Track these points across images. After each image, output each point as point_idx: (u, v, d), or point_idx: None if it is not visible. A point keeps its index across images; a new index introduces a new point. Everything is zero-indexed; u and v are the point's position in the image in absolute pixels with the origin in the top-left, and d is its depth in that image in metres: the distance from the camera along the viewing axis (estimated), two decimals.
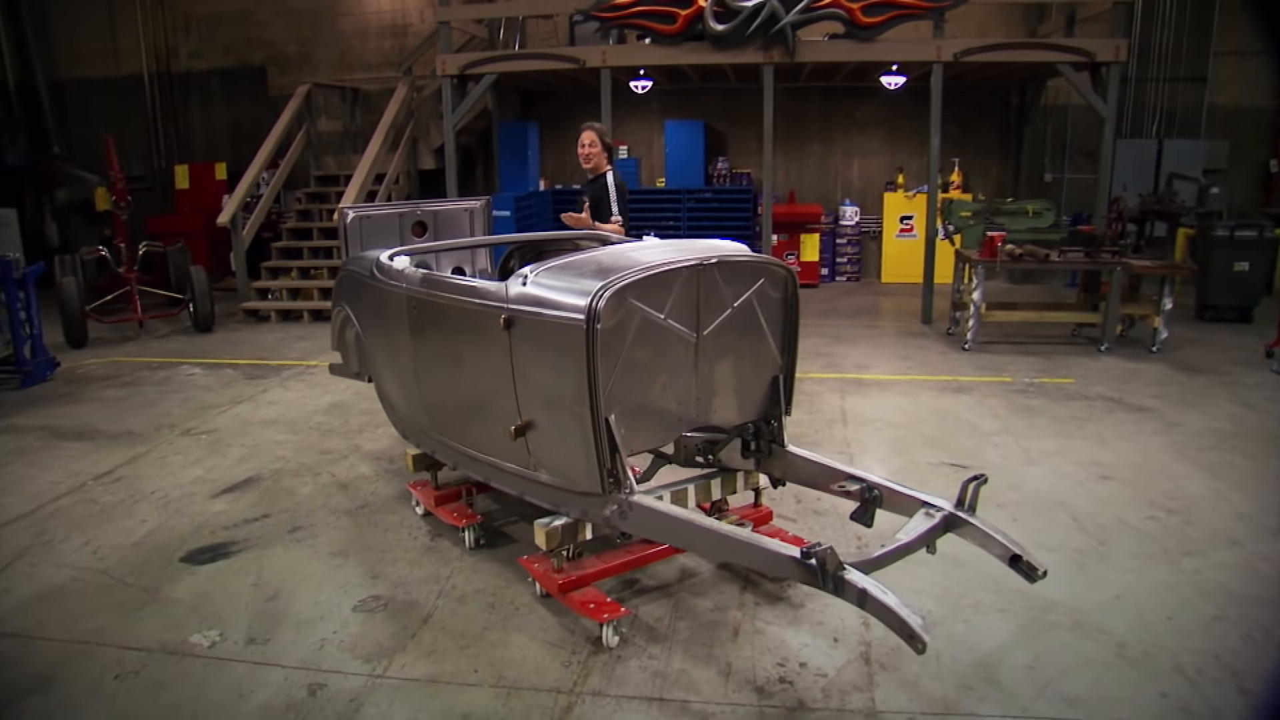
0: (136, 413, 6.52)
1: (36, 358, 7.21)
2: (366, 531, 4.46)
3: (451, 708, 3.04)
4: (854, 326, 9.17)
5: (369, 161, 10.34)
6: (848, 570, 2.56)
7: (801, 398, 6.62)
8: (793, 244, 11.62)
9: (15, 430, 6.12)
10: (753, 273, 3.48)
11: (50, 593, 3.92)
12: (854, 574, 2.55)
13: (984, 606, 3.61)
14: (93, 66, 12.72)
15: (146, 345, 8.88)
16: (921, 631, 2.40)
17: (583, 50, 9.33)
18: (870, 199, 12.05)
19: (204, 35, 12.67)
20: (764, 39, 8.54)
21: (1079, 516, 4.49)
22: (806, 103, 11.89)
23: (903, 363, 7.65)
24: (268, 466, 5.38)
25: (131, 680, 3.26)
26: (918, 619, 2.43)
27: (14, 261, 6.99)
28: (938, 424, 5.99)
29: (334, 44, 12.62)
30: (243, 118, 12.40)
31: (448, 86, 9.63)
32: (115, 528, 4.54)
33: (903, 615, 2.40)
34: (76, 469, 5.36)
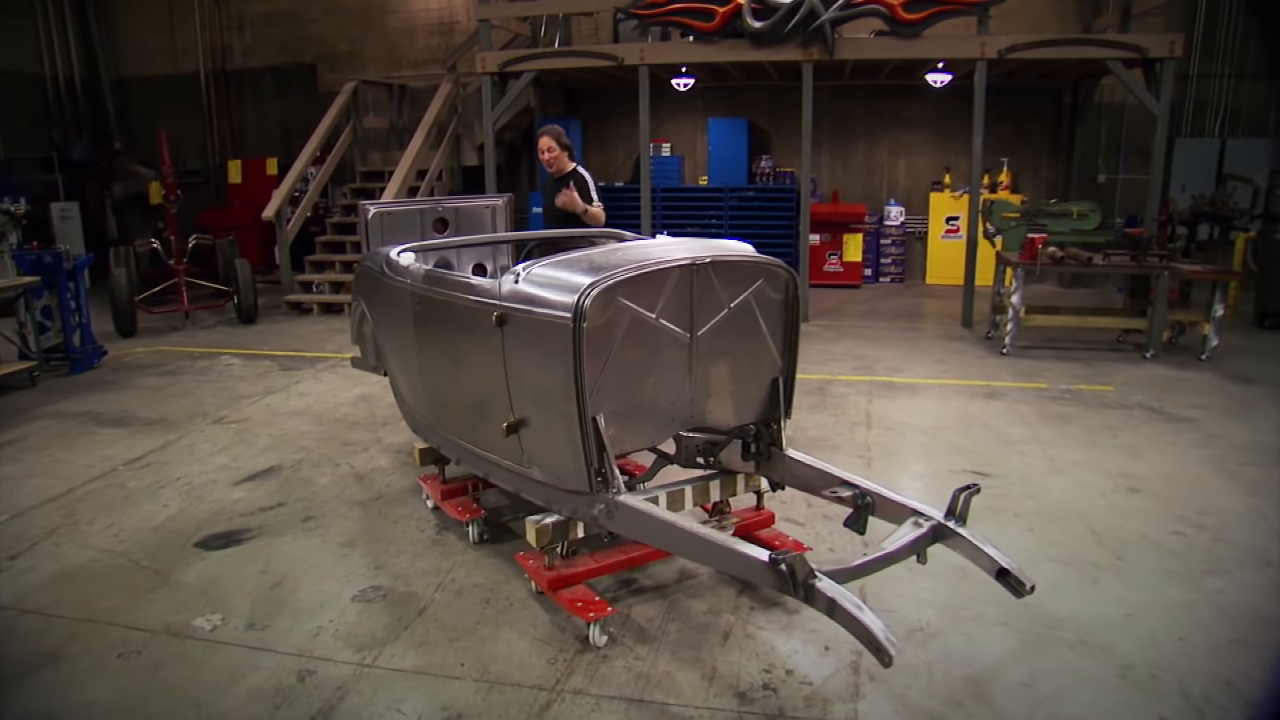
0: (174, 401, 6.72)
1: (85, 346, 7.48)
2: (376, 523, 4.53)
3: (433, 699, 3.07)
4: (892, 329, 9.01)
5: (410, 157, 10.50)
6: (819, 578, 2.51)
7: (828, 400, 6.55)
8: (835, 244, 11.47)
9: (59, 415, 6.35)
10: (751, 273, 3.44)
11: (70, 572, 4.06)
12: (825, 582, 2.50)
13: (985, 619, 3.51)
14: (153, 65, 13.15)
15: (192, 335, 9.15)
16: (888, 644, 2.34)
17: (621, 48, 9.33)
18: (916, 199, 11.83)
19: (257, 34, 12.99)
20: (803, 36, 8.42)
21: (1099, 529, 4.34)
22: (852, 101, 11.72)
23: (937, 366, 7.50)
24: (290, 456, 5.50)
25: (133, 659, 3.36)
26: (885, 631, 2.37)
27: (64, 253, 7.25)
28: (964, 430, 5.86)
29: (382, 41, 12.83)
30: (294, 114, 12.68)
31: (487, 84, 9.72)
32: (139, 512, 4.69)
33: (870, 626, 2.35)
34: (110, 454, 5.54)
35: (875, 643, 2.36)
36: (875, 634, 2.34)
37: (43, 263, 7.12)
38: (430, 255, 4.96)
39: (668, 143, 12.60)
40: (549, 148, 5.68)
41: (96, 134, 12.89)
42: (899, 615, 3.54)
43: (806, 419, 6.12)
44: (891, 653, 2.35)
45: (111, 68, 13.15)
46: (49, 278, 7.17)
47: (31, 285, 6.94)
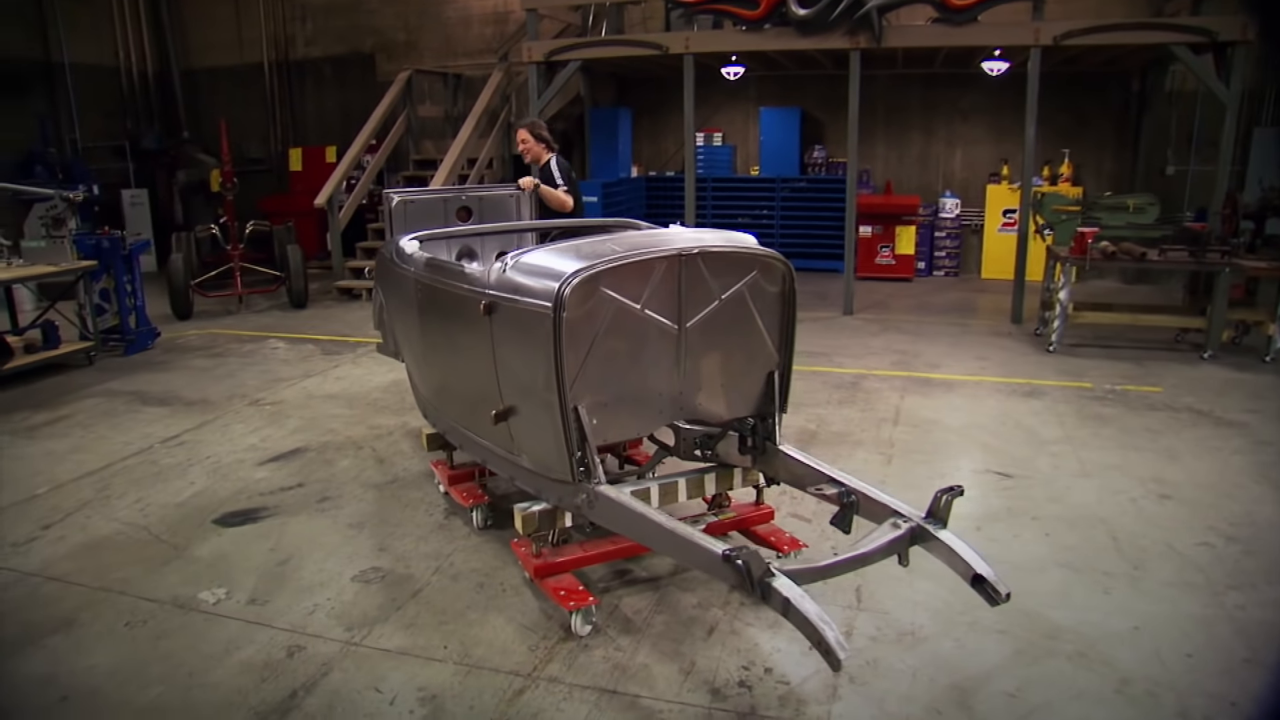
0: (217, 382, 6.95)
1: (139, 327, 7.79)
2: (387, 506, 4.62)
3: (411, 680, 3.12)
4: (938, 323, 8.78)
5: (459, 146, 10.63)
6: (776, 577, 2.47)
7: (859, 395, 6.43)
8: (888, 236, 11.22)
9: (109, 394, 6.63)
10: (744, 265, 3.39)
11: (95, 543, 4.24)
12: (782, 581, 2.45)
13: (981, 625, 3.40)
14: (220, 56, 13.58)
15: (244, 319, 9.45)
16: (838, 648, 2.29)
17: (666, 36, 9.27)
18: (973, 191, 11.49)
19: (318, 25, 13.29)
20: (849, 23, 8.24)
21: (1120, 536, 4.17)
22: (907, 90, 11.44)
23: (977, 363, 7.28)
24: (316, 438, 5.64)
25: (139, 628, 3.50)
26: (837, 635, 2.32)
27: (121, 238, 7.56)
28: (994, 429, 5.68)
29: (438, 31, 13.01)
30: (352, 103, 12.94)
31: (534, 73, 9.77)
32: (166, 488, 4.87)
33: (821, 629, 2.30)
34: (149, 432, 5.77)
35: (825, 645, 2.31)
36: (826, 637, 2.29)
37: (101, 247, 7.43)
38: (454, 244, 5.02)
39: (719, 132, 12.50)
40: (523, 139, 5.94)
41: (166, 123, 13.39)
42: (891, 617, 3.46)
43: (833, 414, 6.02)
44: (840, 656, 2.30)
45: (181, 60, 13.63)
46: (107, 262, 7.48)
47: (90, 269, 7.26)
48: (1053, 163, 10.83)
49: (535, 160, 6.02)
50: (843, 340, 8.09)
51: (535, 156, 6.00)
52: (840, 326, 8.71)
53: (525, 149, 6.00)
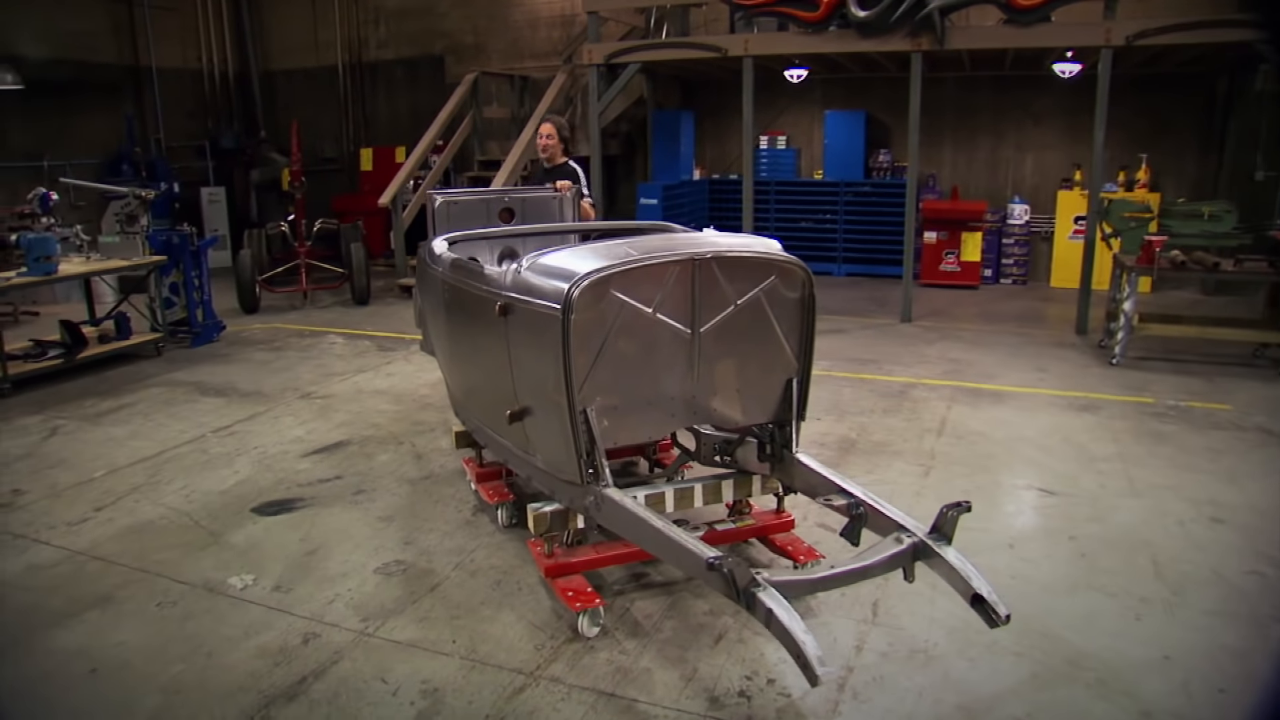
0: (273, 375, 7.19)
1: (206, 321, 8.11)
2: (419, 500, 4.71)
3: (416, 672, 3.18)
4: (998, 333, 8.52)
5: (520, 147, 10.75)
6: (762, 588, 2.43)
7: (905, 404, 6.29)
8: (953, 242, 10.94)
9: (171, 384, 6.93)
10: (761, 270, 3.35)
11: (141, 526, 4.44)
12: (768, 593, 2.42)
13: (999, 646, 3.29)
14: (297, 58, 14.04)
15: (307, 314, 9.74)
16: (817, 664, 2.24)
17: (725, 39, 9.22)
18: (1043, 197, 11.11)
19: (391, 28, 13.63)
20: (911, 25, 8.06)
21: (1162, 561, 3.98)
22: (976, 93, 11.13)
23: (1034, 374, 7.04)
24: (360, 433, 5.78)
25: (169, 609, 3.66)
26: (817, 650, 2.27)
27: (190, 234, 7.88)
28: (1042, 443, 5.49)
29: (506, 34, 13.20)
30: (422, 104, 13.21)
31: (594, 75, 9.83)
32: (213, 476, 5.06)
33: (801, 643, 2.26)
34: (204, 421, 6.00)
35: (804, 660, 2.26)
36: (805, 651, 2.24)
37: (171, 243, 7.76)
38: (496, 245, 5.09)
39: (783, 135, 12.37)
40: (549, 134, 5.70)
41: (245, 124, 13.91)
42: (905, 634, 3.38)
43: (876, 423, 5.91)
44: (818, 671, 2.25)
45: (260, 62, 14.15)
46: (176, 257, 7.81)
47: (160, 264, 7.59)
48: (1129, 168, 10.41)
49: (551, 159, 5.84)
50: (896, 348, 7.93)
51: (552, 156, 5.83)
52: (896, 334, 8.53)
53: (548, 143, 5.79)
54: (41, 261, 6.56)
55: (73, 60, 11.52)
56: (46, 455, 5.40)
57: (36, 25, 11.15)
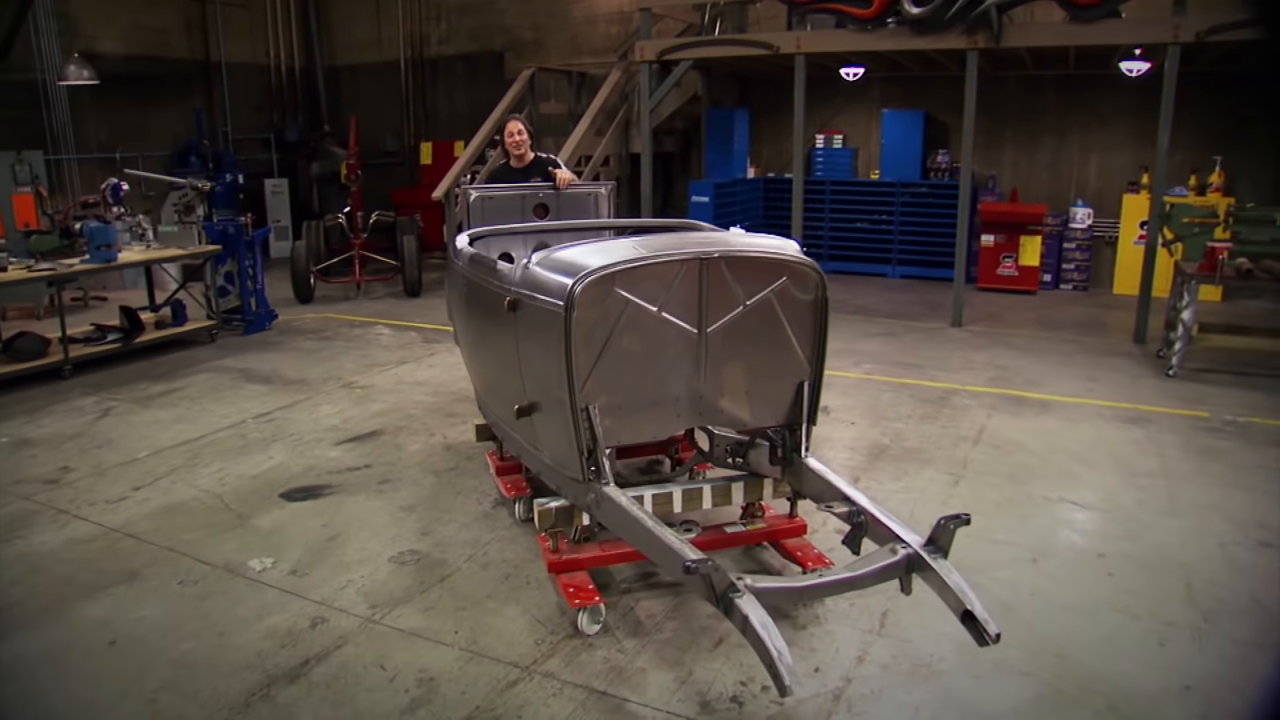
0: (318, 364, 7.36)
1: (258, 309, 8.35)
2: (442, 492, 4.77)
3: (415, 661, 3.22)
4: (1051, 340, 8.25)
5: (573, 144, 10.79)
6: (741, 594, 2.39)
7: (943, 411, 6.14)
8: (1010, 246, 10.62)
9: (220, 370, 7.15)
10: (772, 271, 3.30)
11: (174, 506, 4.59)
12: (746, 599, 2.38)
13: (1007, 665, 3.19)
14: (361, 53, 14.36)
15: (359, 305, 9.96)
16: (787, 676, 2.20)
17: (777, 36, 9.11)
18: (1107, 200, 10.72)
19: (452, 24, 13.83)
20: (966, 22, 7.86)
21: (1196, 585, 3.80)
22: (1040, 92, 10.79)
23: (1084, 384, 6.80)
24: (394, 423, 5.88)
25: (189, 588, 3.78)
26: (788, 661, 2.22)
27: (244, 225, 8.12)
28: (1084, 455, 5.30)
29: (565, 30, 13.27)
30: (481, 99, 13.35)
31: (646, 72, 9.83)
32: (247, 460, 5.21)
33: (772, 654, 2.21)
34: (246, 408, 6.18)
35: (774, 670, 2.22)
36: (775, 661, 2.20)
37: (226, 233, 8.01)
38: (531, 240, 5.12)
39: (840, 134, 12.18)
40: (519, 131, 5.54)
41: (310, 117, 14.27)
42: (911, 647, 3.29)
43: (911, 429, 5.78)
44: (786, 682, 2.20)
45: (326, 57, 14.51)
46: (232, 247, 8.05)
47: (214, 253, 7.84)
48: (1202, 171, 9.97)
49: (521, 158, 5.66)
50: (942, 353, 7.74)
51: (523, 155, 5.65)
52: (944, 338, 8.33)
53: (519, 139, 5.58)
54: (102, 249, 6.84)
55: (148, 56, 11.98)
56: (96, 435, 5.62)
57: (116, 23, 11.62)
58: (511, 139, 5.58)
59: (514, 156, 5.67)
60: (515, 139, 5.58)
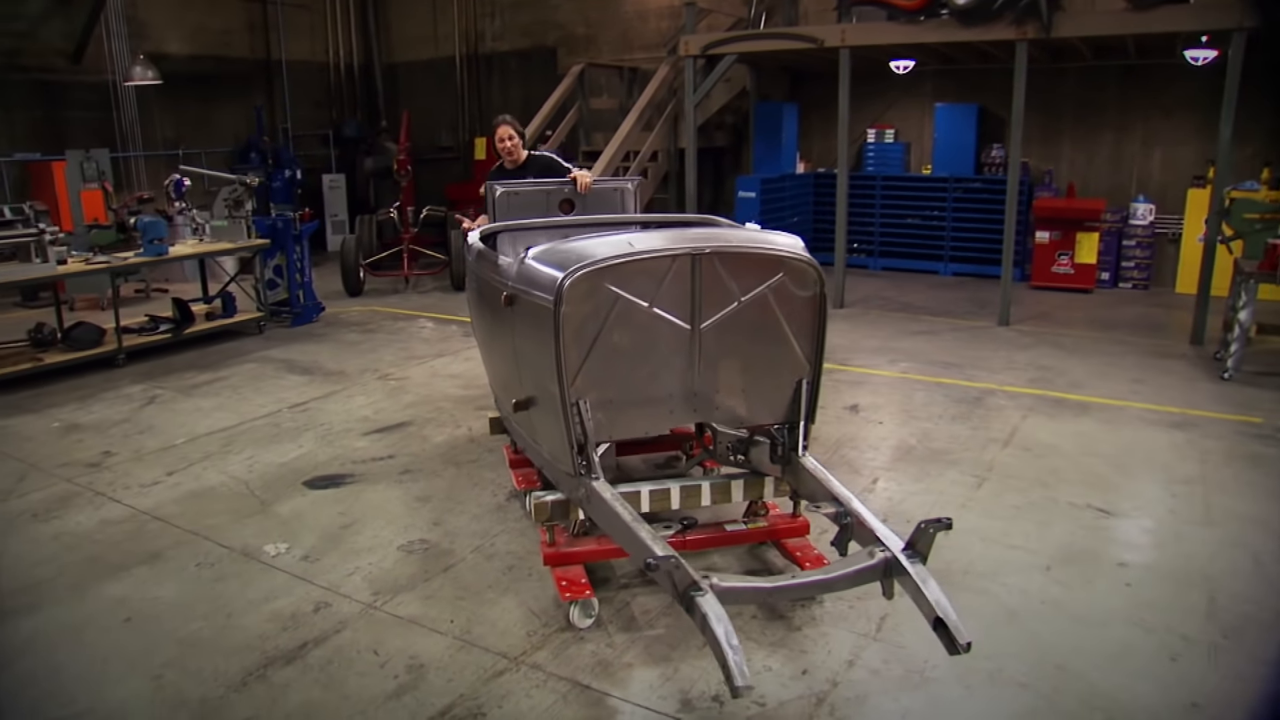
0: (358, 356, 7.54)
1: (306, 302, 8.58)
2: (459, 483, 4.84)
3: (407, 647, 3.29)
4: (1101, 340, 7.97)
5: (619, 139, 10.84)
6: (702, 593, 2.37)
7: (977, 411, 5.99)
8: (1066, 243, 10.29)
9: (264, 360, 7.38)
10: (767, 267, 3.26)
11: (203, 491, 4.76)
12: (706, 597, 2.36)
13: (1004, 675, 3.10)
14: (417, 50, 14.63)
15: (406, 299, 10.15)
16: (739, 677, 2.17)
17: (821, 29, 8.99)
18: (1172, 196, 10.29)
19: (506, 20, 13.98)
20: (1015, 12, 7.63)
21: (1220, 598, 3.63)
22: (1100, 84, 10.40)
23: (1129, 386, 6.55)
24: (423, 414, 5.99)
25: (206, 570, 3.92)
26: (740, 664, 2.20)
27: (292, 219, 8.35)
28: (1118, 460, 5.11)
29: (617, 25, 13.31)
30: (534, 95, 13.47)
31: (690, 67, 9.80)
32: (277, 449, 5.36)
33: (725, 654, 2.20)
34: (283, 397, 6.36)
35: (726, 670, 2.20)
36: (727, 663, 2.18)
37: (275, 228, 8.25)
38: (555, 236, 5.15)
39: (891, 129, 11.95)
40: (509, 136, 5.56)
41: (368, 113, 14.61)
42: (905, 652, 3.23)
43: (940, 429, 5.65)
44: (738, 682, 2.18)
45: (384, 54, 14.83)
46: (280, 241, 8.29)
47: (262, 247, 8.08)
48: (1274, 165, 9.49)
49: (515, 161, 5.66)
50: (985, 352, 7.54)
51: (516, 156, 5.66)
52: (989, 337, 8.12)
53: (511, 145, 5.60)
54: (155, 243, 7.11)
55: (212, 56, 12.41)
56: (140, 421, 5.86)
57: (183, 25, 12.07)
58: (502, 144, 5.60)
59: (507, 160, 5.70)
60: (506, 144, 5.60)
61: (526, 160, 5.69)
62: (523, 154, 5.71)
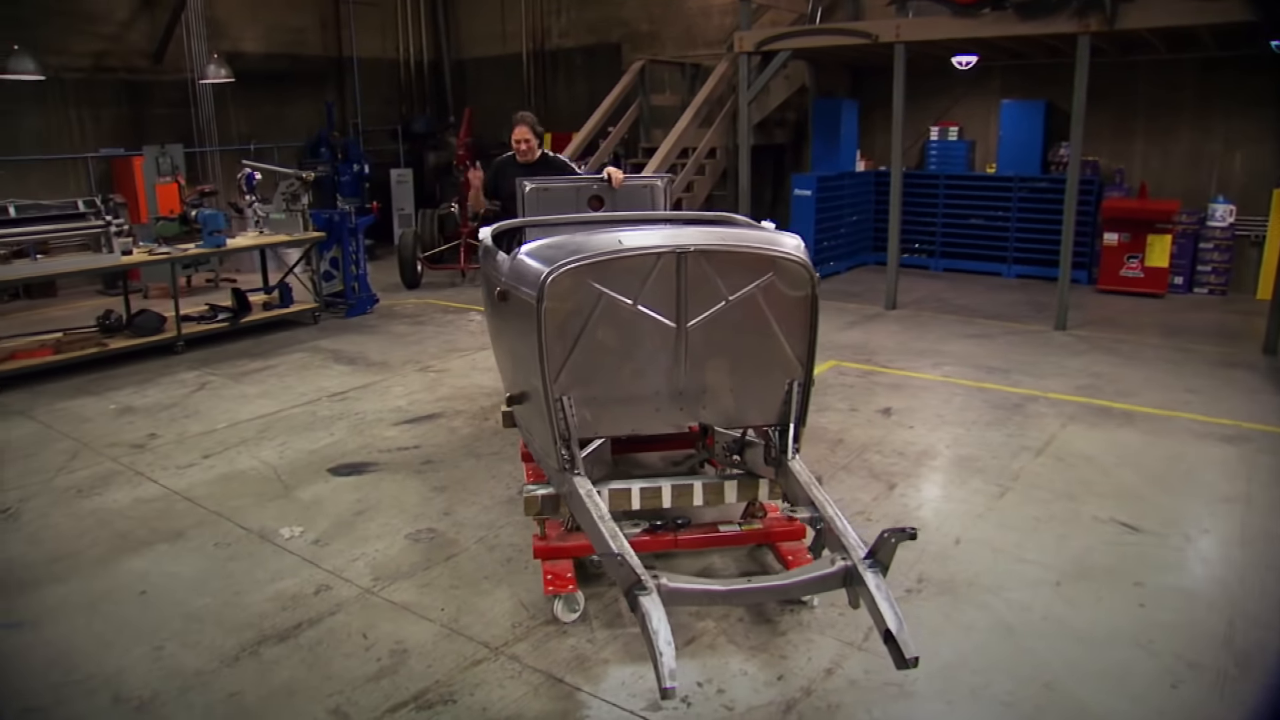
0: (404, 347, 7.73)
1: (360, 294, 8.83)
2: (476, 475, 4.93)
3: (394, 632, 3.38)
4: (1164, 347, 7.60)
5: (675, 136, 10.84)
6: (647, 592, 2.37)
7: (1014, 419, 5.80)
8: (1136, 245, 9.84)
9: (313, 350, 7.63)
10: (756, 266, 3.23)
11: (233, 474, 4.97)
12: (649, 596, 2.35)
13: (988, 692, 3.02)
14: (485, 47, 14.87)
15: (461, 292, 10.34)
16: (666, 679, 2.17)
17: (875, 24, 8.80)
18: (1255, 197, 9.72)
19: (572, 17, 14.10)
20: (1077, 4, 7.33)
21: (1240, 625, 3.45)
22: (1175, 78, 9.90)
23: (1184, 396, 6.23)
24: (455, 406, 6.12)
25: (224, 549, 4.09)
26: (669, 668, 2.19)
27: (348, 213, 8.60)
28: (1157, 473, 4.89)
29: (680, 21, 13.28)
30: (599, 91, 13.54)
31: (744, 63, 9.72)
32: (310, 436, 5.55)
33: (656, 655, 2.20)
34: (324, 386, 6.57)
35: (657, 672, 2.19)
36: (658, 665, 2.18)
37: (331, 221, 8.51)
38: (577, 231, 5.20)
39: (955, 126, 11.63)
40: (525, 138, 5.61)
41: (437, 109, 14.92)
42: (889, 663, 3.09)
43: (973, 435, 5.50)
44: (664, 684, 2.18)
45: (453, 51, 15.14)
46: (336, 234, 8.55)
47: (318, 240, 8.35)
48: None
49: (528, 158, 5.72)
50: (1035, 357, 7.29)
51: (530, 154, 5.70)
52: (1043, 342, 7.84)
53: (527, 146, 5.66)
54: (213, 235, 7.43)
55: (286, 54, 12.86)
56: (188, 406, 6.14)
57: (259, 24, 12.54)
58: (519, 146, 5.68)
59: (519, 154, 5.77)
60: (521, 146, 5.67)
61: (539, 160, 5.78)
62: (536, 154, 5.79)
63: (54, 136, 10.57)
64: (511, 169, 5.74)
